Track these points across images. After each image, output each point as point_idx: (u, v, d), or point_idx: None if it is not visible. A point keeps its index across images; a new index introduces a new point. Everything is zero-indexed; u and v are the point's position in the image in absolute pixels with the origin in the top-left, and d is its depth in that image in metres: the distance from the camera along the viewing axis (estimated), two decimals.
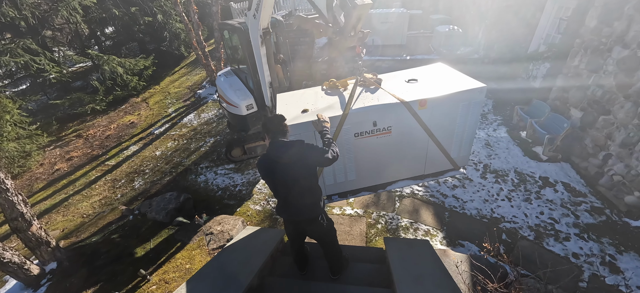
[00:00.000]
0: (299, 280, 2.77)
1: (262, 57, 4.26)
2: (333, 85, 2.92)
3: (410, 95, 2.50)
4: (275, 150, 1.98)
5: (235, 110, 4.99)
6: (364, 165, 2.76)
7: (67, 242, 4.35)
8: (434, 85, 2.66)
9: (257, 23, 3.97)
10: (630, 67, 3.83)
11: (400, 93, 2.55)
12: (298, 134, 2.36)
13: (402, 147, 2.68)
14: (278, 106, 2.66)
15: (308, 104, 2.65)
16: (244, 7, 10.83)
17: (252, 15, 4.00)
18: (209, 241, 3.70)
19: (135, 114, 8.67)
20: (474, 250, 3.51)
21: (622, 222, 3.74)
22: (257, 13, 3.89)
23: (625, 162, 3.88)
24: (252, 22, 4.04)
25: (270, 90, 4.66)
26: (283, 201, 2.19)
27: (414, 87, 2.69)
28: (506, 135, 5.49)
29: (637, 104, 3.73)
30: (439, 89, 2.56)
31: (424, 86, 2.67)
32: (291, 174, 2.00)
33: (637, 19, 3.79)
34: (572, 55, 4.89)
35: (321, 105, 2.62)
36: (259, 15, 3.87)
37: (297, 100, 2.78)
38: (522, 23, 6.93)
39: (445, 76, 2.82)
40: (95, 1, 8.83)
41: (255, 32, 4.07)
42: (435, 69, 3.02)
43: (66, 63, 9.63)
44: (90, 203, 5.26)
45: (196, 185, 5.26)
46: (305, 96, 2.86)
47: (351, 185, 2.91)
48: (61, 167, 6.55)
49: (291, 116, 2.40)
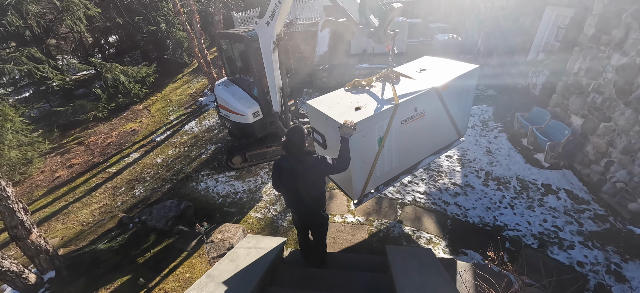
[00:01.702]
0: (300, 290, 2.74)
1: (273, 62, 4.39)
2: (358, 84, 3.21)
3: (435, 82, 2.97)
4: (296, 161, 2.43)
5: (241, 118, 5.03)
6: (404, 149, 3.12)
7: (66, 250, 4.31)
8: (441, 71, 3.20)
9: (270, 30, 4.10)
10: (629, 74, 3.85)
11: (425, 82, 3.01)
12: (362, 128, 2.57)
13: (430, 127, 3.15)
14: (322, 110, 2.83)
15: (348, 103, 2.88)
16: (246, 16, 10.99)
17: (265, 22, 4.11)
18: (209, 249, 3.66)
19: (136, 121, 8.71)
20: (478, 259, 3.47)
21: (626, 230, 3.70)
22: (271, 20, 4.01)
23: (627, 169, 3.86)
24: (265, 29, 4.15)
25: (280, 96, 4.79)
26: (294, 197, 2.60)
27: (428, 75, 3.16)
28: (507, 142, 5.49)
29: (638, 110, 3.73)
30: (447, 74, 3.10)
31: (435, 73, 3.18)
32: (307, 180, 2.46)
33: (634, 27, 3.83)
34: (572, 62, 4.92)
35: (363, 102, 2.83)
36: (274, 23, 4.00)
37: (336, 102, 2.98)
38: (521, 31, 7.00)
39: (441, 64, 3.43)
40: (99, 11, 8.97)
41: (269, 38, 4.19)
42: (427, 61, 3.55)
43: (69, 71, 9.72)
44: (90, 211, 5.24)
45: (197, 192, 5.25)
46: (338, 97, 3.08)
47: (393, 172, 3.23)
48: (62, 174, 6.55)
49: (349, 116, 2.62)
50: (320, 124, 2.99)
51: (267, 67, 4.50)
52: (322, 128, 2.97)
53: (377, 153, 2.87)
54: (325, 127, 2.90)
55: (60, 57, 10.20)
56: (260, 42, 4.35)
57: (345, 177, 3.03)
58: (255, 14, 10.75)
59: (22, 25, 7.25)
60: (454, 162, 5.10)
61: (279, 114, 4.96)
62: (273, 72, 4.48)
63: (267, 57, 4.41)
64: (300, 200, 2.58)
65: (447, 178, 4.75)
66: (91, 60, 9.14)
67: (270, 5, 3.96)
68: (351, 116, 2.58)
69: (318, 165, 2.42)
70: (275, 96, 4.80)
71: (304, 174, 2.43)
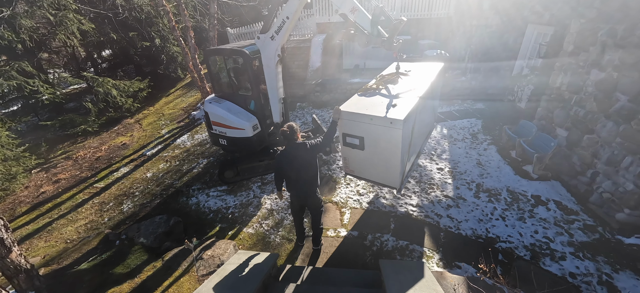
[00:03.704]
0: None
1: (277, 75, 4.60)
2: (370, 88, 3.75)
3: (429, 77, 3.76)
4: (293, 149, 3.19)
5: (240, 133, 5.02)
6: (416, 135, 3.59)
7: (48, 269, 4.12)
8: (420, 72, 4.01)
9: (276, 44, 4.31)
10: (607, 88, 4.03)
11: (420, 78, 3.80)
12: (408, 119, 2.95)
13: (427, 113, 3.97)
14: (362, 112, 3.20)
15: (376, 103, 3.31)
16: (240, 32, 11.19)
17: (269, 37, 4.30)
18: (199, 267, 3.55)
19: (127, 135, 8.60)
20: (471, 272, 3.45)
21: (615, 240, 3.75)
22: (277, 35, 4.23)
23: (612, 180, 3.96)
24: (270, 43, 4.34)
25: (281, 107, 5.02)
26: (294, 182, 3.29)
27: (414, 76, 3.93)
28: (497, 154, 5.59)
29: (618, 123, 3.87)
30: (427, 73, 3.94)
31: (418, 74, 3.96)
32: (303, 162, 3.18)
33: (609, 44, 4.04)
34: (554, 77, 5.12)
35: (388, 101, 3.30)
36: (280, 37, 4.23)
37: (363, 105, 3.36)
38: (505, 48, 7.29)
39: (412, 66, 4.27)
40: (93, 26, 9.02)
41: (272, 52, 4.40)
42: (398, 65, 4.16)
43: (60, 85, 9.64)
44: (75, 227, 5.06)
45: (187, 207, 5.14)
46: (361, 101, 3.47)
47: (412, 157, 3.77)
48: (47, 189, 6.35)
49: (390, 113, 3.02)
50: (356, 127, 3.29)
51: (269, 80, 4.66)
52: (360, 130, 3.28)
53: (410, 141, 3.36)
54: (365, 128, 3.22)
55: (52, 71, 10.12)
56: (263, 56, 4.51)
57: (386, 171, 3.40)
58: (250, 30, 10.96)
59: (15, 39, 7.22)
60: (445, 174, 5.15)
61: (280, 124, 5.09)
62: (276, 84, 4.66)
63: (270, 70, 4.57)
64: (299, 181, 3.26)
65: (439, 190, 4.78)
66: (83, 74, 9.10)
67: (276, 20, 4.19)
68: (391, 113, 3.02)
69: (310, 147, 3.18)
70: (276, 107, 4.95)
71: (300, 158, 3.16)
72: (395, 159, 3.20)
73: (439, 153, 5.79)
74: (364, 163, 3.54)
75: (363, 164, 3.56)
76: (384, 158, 3.26)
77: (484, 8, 7.86)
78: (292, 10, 3.99)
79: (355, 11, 3.53)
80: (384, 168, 3.37)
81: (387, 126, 2.94)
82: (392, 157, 3.20)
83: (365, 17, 3.53)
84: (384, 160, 3.28)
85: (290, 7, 3.98)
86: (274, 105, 4.93)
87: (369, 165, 3.50)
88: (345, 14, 3.57)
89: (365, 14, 3.53)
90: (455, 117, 7.12)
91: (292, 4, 3.97)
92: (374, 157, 3.35)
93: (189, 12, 10.35)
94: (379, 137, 3.12)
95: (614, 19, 4.03)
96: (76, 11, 8.63)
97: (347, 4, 3.53)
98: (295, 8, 3.97)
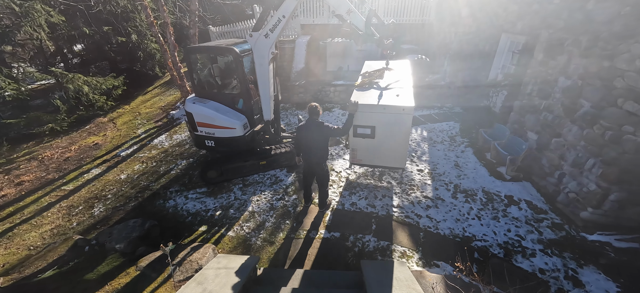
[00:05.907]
0: None
1: (269, 72, 4.66)
2: (366, 82, 4.48)
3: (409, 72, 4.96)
4: (312, 124, 3.78)
5: (230, 132, 4.88)
6: None
7: (8, 279, 3.81)
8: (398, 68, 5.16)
9: (269, 42, 4.37)
10: (573, 95, 4.30)
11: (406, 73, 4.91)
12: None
13: None
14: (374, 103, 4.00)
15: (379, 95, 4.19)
16: (223, 31, 10.95)
17: (263, 35, 4.33)
18: (175, 272, 3.42)
19: (100, 135, 8.14)
20: (449, 270, 3.55)
21: (580, 237, 4.01)
22: (271, 33, 4.29)
23: (577, 180, 4.23)
24: (263, 41, 4.38)
25: (272, 103, 5.10)
26: (308, 150, 3.94)
27: (396, 71, 4.97)
28: (473, 156, 5.82)
29: (582, 127, 4.15)
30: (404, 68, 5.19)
31: (398, 69, 5.13)
32: (316, 137, 3.81)
33: (575, 53, 4.33)
34: (525, 84, 5.41)
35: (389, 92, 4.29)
36: (275, 36, 4.30)
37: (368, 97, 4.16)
38: (482, 54, 7.63)
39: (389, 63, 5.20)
40: (64, 19, 8.48)
41: (265, 50, 4.45)
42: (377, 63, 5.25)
43: (25, 80, 8.95)
44: (39, 233, 4.71)
45: (164, 210, 4.93)
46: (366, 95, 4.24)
47: None
48: (8, 192, 5.87)
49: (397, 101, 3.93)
50: (368, 118, 3.92)
51: (261, 78, 4.67)
52: (372, 120, 3.91)
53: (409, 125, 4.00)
54: (377, 118, 3.85)
55: (16, 65, 9.40)
56: (255, 54, 4.51)
57: (394, 154, 4.13)
58: (233, 29, 10.75)
59: None
60: (425, 176, 5.29)
61: (271, 121, 5.13)
62: (268, 81, 4.69)
63: (262, 68, 4.58)
64: (312, 149, 3.88)
65: (419, 191, 4.90)
66: (51, 70, 8.52)
67: (271, 19, 4.25)
68: (399, 101, 3.75)
69: (327, 127, 3.78)
70: (267, 105, 4.96)
71: (315, 134, 3.78)
72: (404, 142, 3.96)
73: (420, 155, 5.94)
74: (373, 151, 4.20)
75: (372, 152, 4.22)
76: (394, 142, 3.93)
77: (462, 16, 8.18)
78: (289, 10, 4.11)
79: (350, 13, 3.88)
80: (392, 153, 4.08)
81: (400, 113, 3.69)
82: (402, 140, 3.93)
83: (359, 19, 3.88)
84: (394, 145, 3.96)
85: (287, 6, 4.10)
86: (266, 103, 4.92)
87: (378, 151, 4.15)
88: (341, 14, 3.87)
89: (359, 15, 3.87)
90: (435, 120, 7.34)
91: (289, 4, 4.07)
92: (384, 144, 4.01)
93: (169, 8, 10.01)
94: (390, 124, 3.80)
95: (578, 31, 4.32)
96: (44, 2, 8.08)
97: (343, 5, 3.85)
98: (292, 8, 4.10)
